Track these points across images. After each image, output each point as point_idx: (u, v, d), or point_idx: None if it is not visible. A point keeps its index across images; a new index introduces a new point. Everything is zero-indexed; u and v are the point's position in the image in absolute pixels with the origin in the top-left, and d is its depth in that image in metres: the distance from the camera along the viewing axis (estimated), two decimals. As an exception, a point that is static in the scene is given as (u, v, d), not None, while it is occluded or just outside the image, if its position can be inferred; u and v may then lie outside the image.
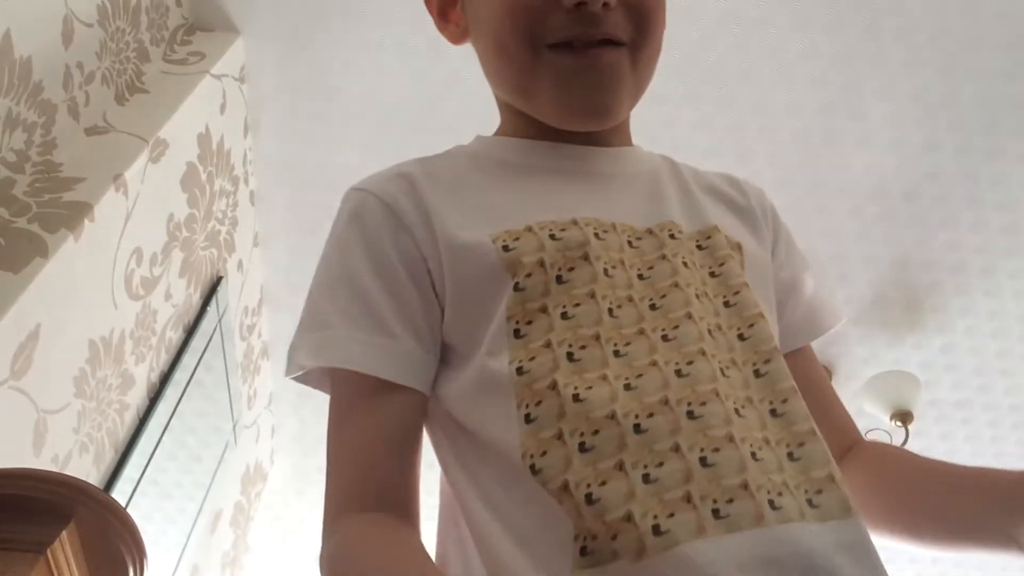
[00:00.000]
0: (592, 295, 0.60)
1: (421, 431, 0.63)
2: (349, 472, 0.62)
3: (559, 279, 0.61)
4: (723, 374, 0.59)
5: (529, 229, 0.62)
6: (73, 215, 1.22)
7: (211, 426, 1.86)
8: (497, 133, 0.72)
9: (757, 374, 0.61)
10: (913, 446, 2.18)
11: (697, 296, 0.62)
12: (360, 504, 0.60)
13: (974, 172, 1.87)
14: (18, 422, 1.14)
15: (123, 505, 1.08)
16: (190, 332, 1.68)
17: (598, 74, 0.63)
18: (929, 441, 2.23)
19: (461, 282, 0.62)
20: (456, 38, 0.71)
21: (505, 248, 0.61)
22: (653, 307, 0.61)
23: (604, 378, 0.57)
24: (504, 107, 0.72)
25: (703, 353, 0.59)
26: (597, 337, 0.59)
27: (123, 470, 1.43)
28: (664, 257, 0.64)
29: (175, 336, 1.63)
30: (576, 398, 0.56)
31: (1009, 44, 1.70)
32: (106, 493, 1.19)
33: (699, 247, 0.66)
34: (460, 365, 0.62)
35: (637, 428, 0.55)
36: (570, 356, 0.58)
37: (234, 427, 1.99)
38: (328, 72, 1.79)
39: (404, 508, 0.60)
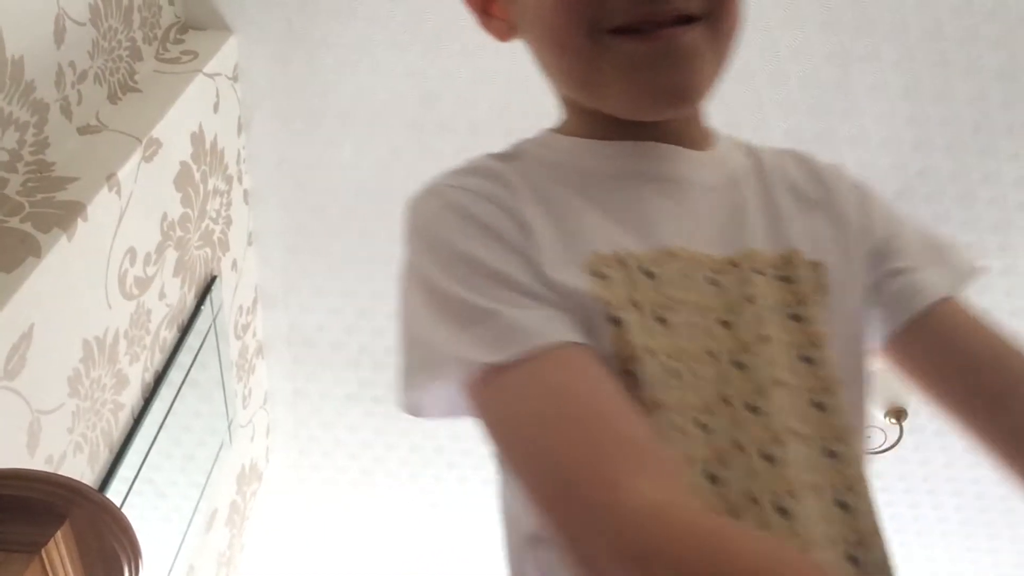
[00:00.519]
0: (703, 348, 0.56)
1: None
2: (610, 437, 0.49)
3: (661, 321, 0.56)
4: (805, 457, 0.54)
5: (620, 260, 0.56)
6: (66, 215, 1.22)
7: (206, 425, 1.86)
8: (562, 131, 0.66)
9: (828, 454, 0.56)
10: (907, 442, 2.19)
11: (782, 351, 0.57)
12: (643, 472, 0.47)
13: (966, 170, 1.87)
14: (12, 422, 1.13)
15: (118, 505, 1.08)
16: (184, 331, 1.68)
17: (674, 57, 0.55)
18: (924, 437, 2.24)
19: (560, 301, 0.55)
20: (502, 34, 0.64)
21: (598, 274, 0.55)
22: (740, 366, 0.56)
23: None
24: (567, 103, 0.66)
25: (795, 433, 0.54)
26: (725, 400, 0.55)
27: (118, 470, 1.43)
28: (750, 299, 0.58)
29: (169, 335, 1.63)
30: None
31: (1001, 41, 1.70)
32: (101, 493, 1.19)
33: (780, 278, 0.60)
34: None
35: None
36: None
37: (229, 426, 1.99)
38: (321, 70, 1.79)
39: (675, 470, 0.51)
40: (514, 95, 1.78)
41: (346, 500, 2.46)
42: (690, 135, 0.63)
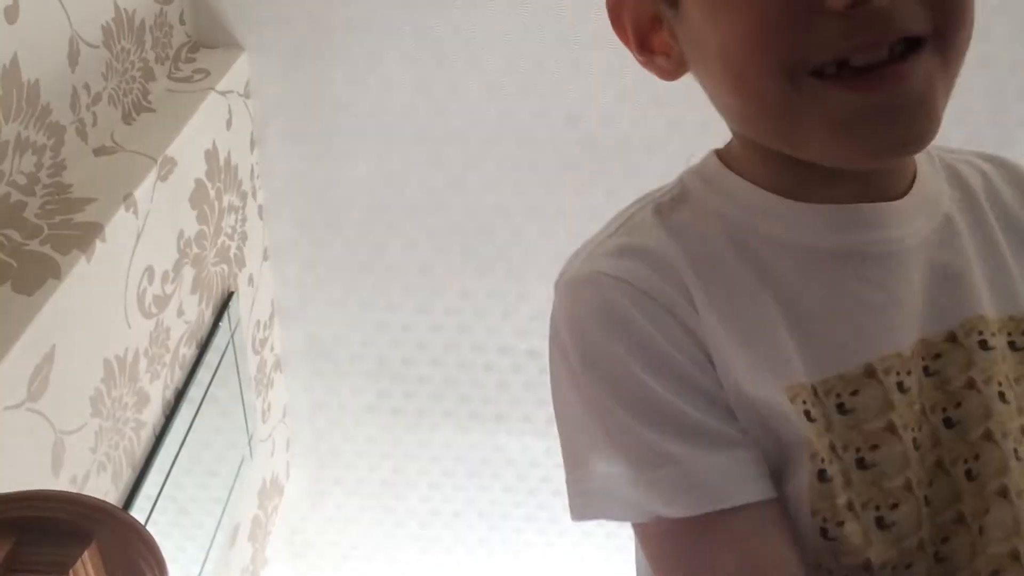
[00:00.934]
0: (908, 486, 0.47)
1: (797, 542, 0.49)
2: None
3: (860, 463, 0.47)
4: None
5: (814, 392, 0.47)
6: (85, 236, 1.23)
7: (227, 441, 1.87)
8: (735, 166, 0.54)
9: None
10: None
11: (1015, 451, 0.47)
12: None
13: (982, 163, 1.86)
14: (36, 444, 1.14)
15: (143, 523, 1.08)
16: (203, 348, 1.69)
17: (901, 107, 0.43)
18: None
19: (755, 428, 0.49)
20: (668, 73, 0.53)
21: (808, 415, 0.47)
22: (969, 475, 0.47)
23: None
24: (741, 135, 0.54)
25: (1016, 558, 0.46)
26: (922, 547, 0.47)
27: (141, 488, 1.43)
28: (973, 385, 0.48)
29: (189, 352, 1.64)
30: None
31: (1013, 35, 1.69)
32: (126, 512, 1.20)
33: (1011, 345, 0.50)
34: None
35: None
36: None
37: (249, 441, 1.99)
38: (332, 85, 1.79)
39: None
40: (523, 106, 1.78)
41: (368, 511, 2.47)
42: (898, 173, 0.52)
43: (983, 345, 0.49)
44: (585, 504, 0.51)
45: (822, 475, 0.47)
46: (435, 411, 2.24)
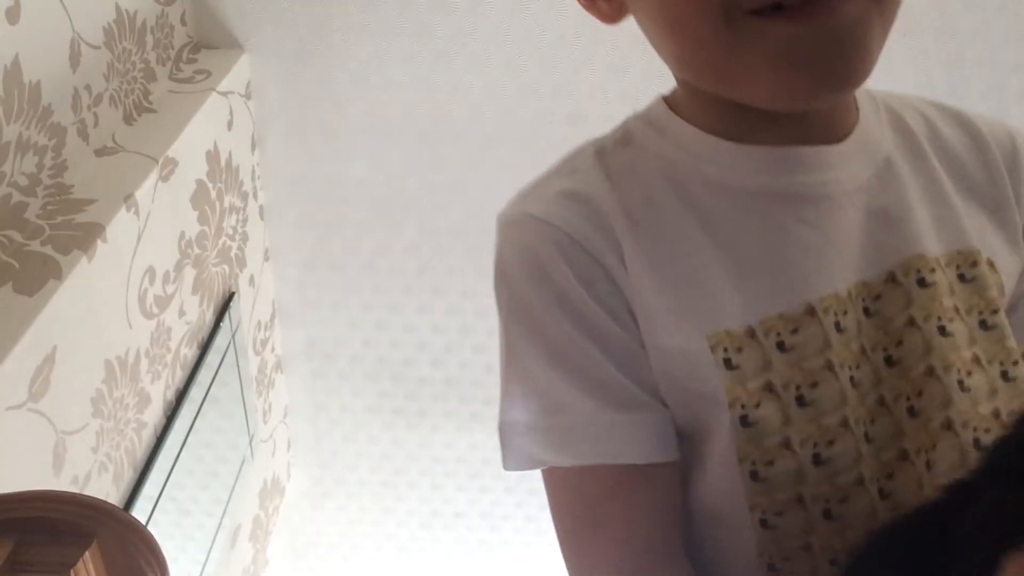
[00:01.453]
0: (845, 422, 0.47)
1: (682, 506, 0.51)
2: None
3: (800, 401, 0.47)
4: None
5: (751, 334, 0.48)
6: (86, 236, 1.23)
7: (228, 441, 1.87)
8: (682, 111, 0.54)
9: None
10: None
11: (960, 383, 0.48)
12: None
13: None
14: (37, 444, 1.14)
15: (144, 523, 1.08)
16: (204, 348, 1.69)
17: (839, 38, 0.43)
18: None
19: (672, 383, 0.50)
20: (608, 16, 0.52)
21: (728, 363, 0.47)
22: (912, 412, 0.48)
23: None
24: (686, 83, 0.53)
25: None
26: (861, 482, 0.47)
27: (142, 488, 1.43)
28: (913, 322, 0.49)
29: (190, 353, 1.64)
30: (833, 564, 0.46)
31: (1013, 36, 1.69)
32: (127, 512, 1.20)
33: (961, 278, 0.51)
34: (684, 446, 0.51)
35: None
36: (827, 514, 0.47)
37: (250, 442, 1.99)
38: (333, 85, 1.79)
39: None
40: (525, 107, 1.78)
41: (368, 512, 2.47)
42: (838, 116, 0.52)
43: (921, 283, 0.50)
44: (504, 451, 0.53)
45: (744, 420, 0.47)
46: (436, 412, 2.24)
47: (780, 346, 0.47)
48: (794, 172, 0.50)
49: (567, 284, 0.49)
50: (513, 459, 0.52)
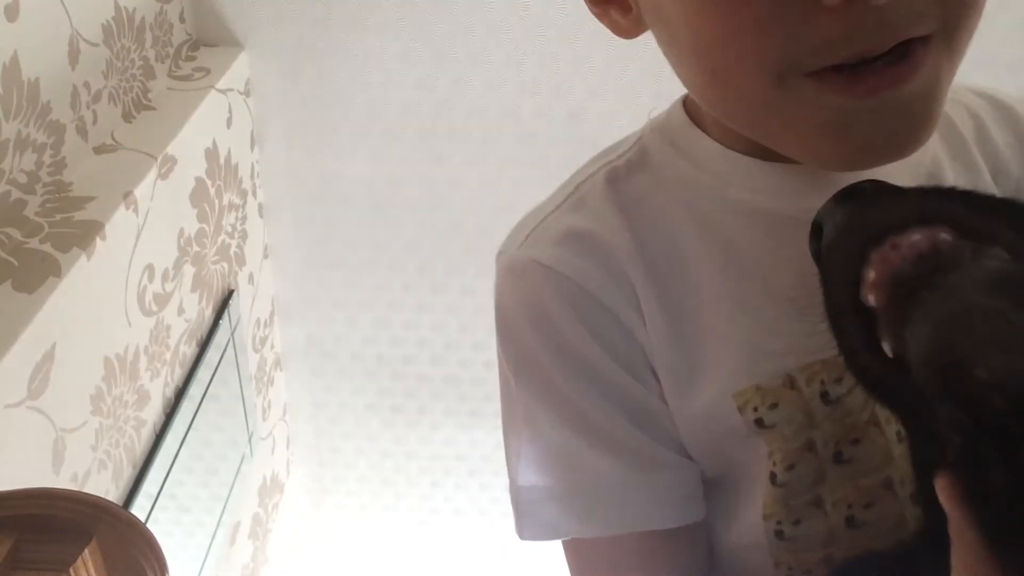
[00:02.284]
0: (888, 484, 0.42)
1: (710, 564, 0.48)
2: None
3: (838, 458, 0.42)
4: None
5: (791, 384, 0.42)
6: (85, 234, 1.23)
7: (227, 439, 1.87)
8: (698, 119, 0.48)
9: None
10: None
11: None
12: None
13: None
14: (37, 442, 1.14)
15: (143, 521, 1.08)
16: (204, 346, 1.69)
17: (897, 111, 0.37)
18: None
19: (698, 444, 0.45)
20: (623, 30, 0.45)
21: (759, 423, 0.42)
22: None
23: None
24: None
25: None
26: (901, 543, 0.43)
27: (141, 486, 1.44)
28: None
29: (189, 351, 1.64)
30: None
31: (1012, 34, 1.69)
32: (126, 510, 1.20)
33: None
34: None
35: None
36: None
37: (250, 439, 1.99)
38: (333, 83, 1.79)
39: None
40: (524, 101, 1.78)
41: (368, 509, 2.47)
42: None
43: None
44: (520, 518, 0.49)
45: (773, 478, 0.43)
46: (436, 409, 2.24)
47: (824, 396, 0.41)
48: (824, 188, 0.43)
49: (579, 339, 0.44)
50: (531, 528, 0.48)
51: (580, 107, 1.78)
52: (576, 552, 0.48)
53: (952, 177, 0.48)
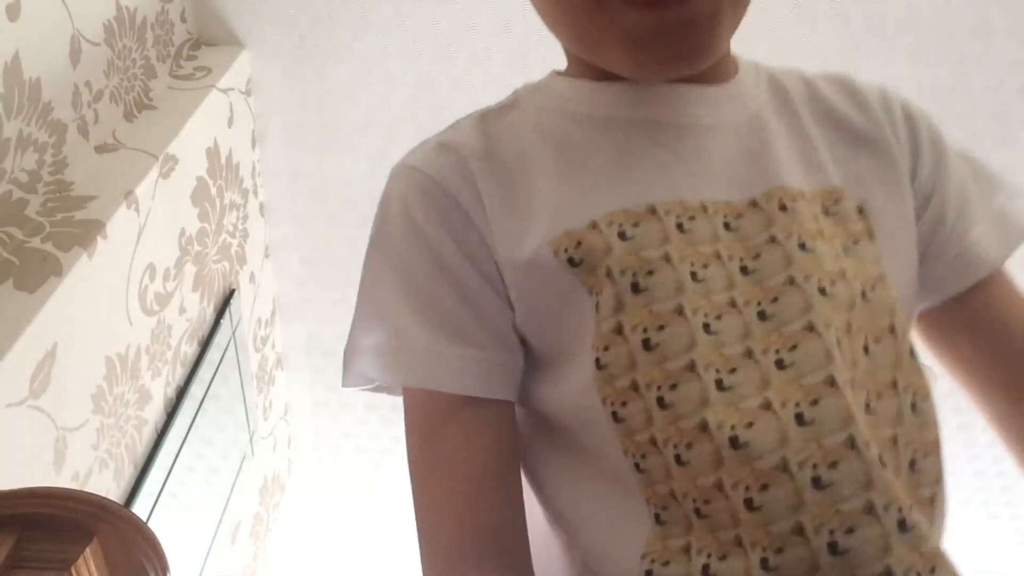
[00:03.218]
0: (680, 310, 0.48)
1: (517, 448, 0.54)
2: (450, 515, 0.52)
3: (635, 287, 0.49)
4: (867, 410, 0.47)
5: (594, 226, 0.50)
6: (86, 233, 1.23)
7: (228, 438, 1.87)
8: (567, 73, 0.60)
9: (912, 409, 0.50)
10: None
11: (822, 290, 0.49)
12: (474, 558, 0.50)
13: (985, 161, 1.86)
14: (38, 441, 1.15)
15: (144, 520, 1.08)
16: (205, 345, 1.69)
17: (685, 27, 0.48)
18: (948, 431, 2.21)
19: (528, 297, 0.52)
20: None
21: (571, 261, 0.50)
22: (763, 316, 0.48)
23: (704, 428, 0.46)
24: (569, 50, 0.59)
25: (833, 383, 0.46)
26: (692, 367, 0.47)
27: (143, 485, 1.44)
28: (774, 240, 0.50)
29: (190, 350, 1.64)
30: (678, 460, 0.46)
31: (1014, 32, 1.69)
32: (127, 509, 1.20)
33: (825, 212, 0.53)
34: (545, 370, 0.53)
35: (749, 504, 0.44)
36: (660, 401, 0.47)
37: (251, 438, 2.00)
38: (334, 82, 1.79)
39: (519, 556, 0.51)
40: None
41: (368, 508, 2.47)
42: (708, 73, 0.55)
43: (783, 209, 0.51)
44: (344, 372, 0.56)
45: (595, 303, 0.49)
46: (436, 408, 2.24)
47: (621, 236, 0.50)
48: (651, 104, 0.55)
49: (428, 224, 0.53)
50: (350, 378, 0.55)
51: (581, 106, 1.78)
52: (405, 403, 0.55)
53: (774, 122, 0.56)
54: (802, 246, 0.50)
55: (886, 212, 0.55)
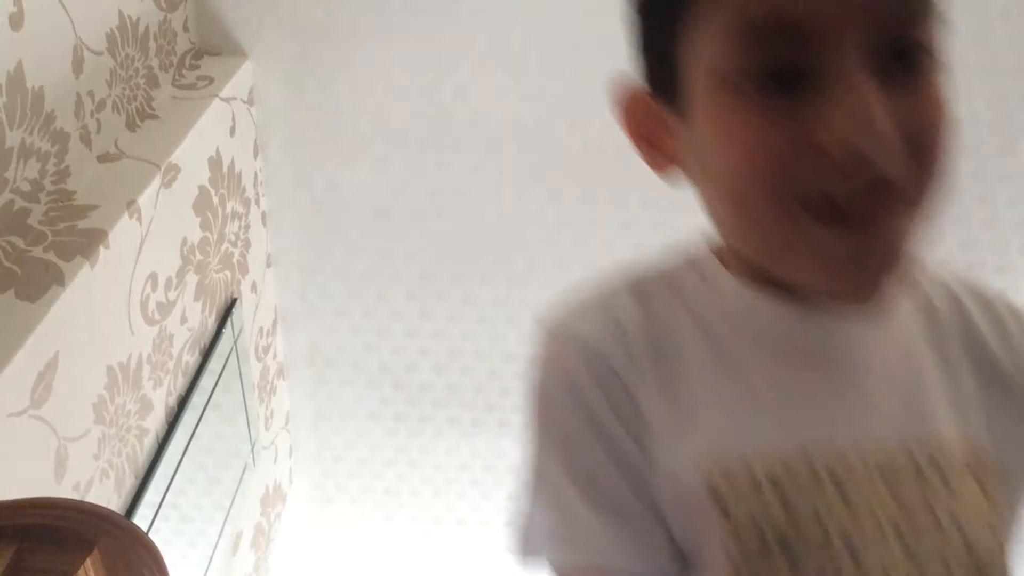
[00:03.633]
0: (822, 571, 0.49)
1: None
2: None
3: (782, 544, 0.49)
4: None
5: (747, 467, 0.51)
6: (88, 242, 1.23)
7: (230, 448, 1.86)
8: (719, 255, 0.59)
9: None
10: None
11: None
12: None
13: (985, 169, 1.86)
14: (39, 450, 1.14)
15: (145, 530, 1.08)
16: (206, 355, 1.69)
17: (880, 254, 0.47)
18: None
19: (669, 503, 0.53)
20: (661, 166, 0.57)
21: (714, 494, 0.50)
22: None
23: None
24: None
25: None
26: None
27: (144, 495, 1.43)
28: (932, 510, 0.50)
29: (192, 359, 1.64)
30: None
31: (1016, 41, 1.69)
32: (128, 519, 1.20)
33: (969, 469, 0.52)
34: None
35: None
36: None
37: (252, 448, 1.99)
38: (336, 92, 1.80)
39: None
40: (527, 111, 1.78)
41: (371, 519, 2.46)
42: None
43: (940, 470, 0.52)
44: (517, 543, 0.59)
45: (730, 555, 0.50)
46: (438, 418, 2.24)
47: (773, 482, 0.50)
48: (814, 329, 0.54)
49: (598, 405, 0.53)
50: (525, 554, 0.58)
51: (582, 116, 1.78)
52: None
53: (928, 364, 0.56)
54: (953, 519, 0.51)
55: (1015, 475, 0.55)
